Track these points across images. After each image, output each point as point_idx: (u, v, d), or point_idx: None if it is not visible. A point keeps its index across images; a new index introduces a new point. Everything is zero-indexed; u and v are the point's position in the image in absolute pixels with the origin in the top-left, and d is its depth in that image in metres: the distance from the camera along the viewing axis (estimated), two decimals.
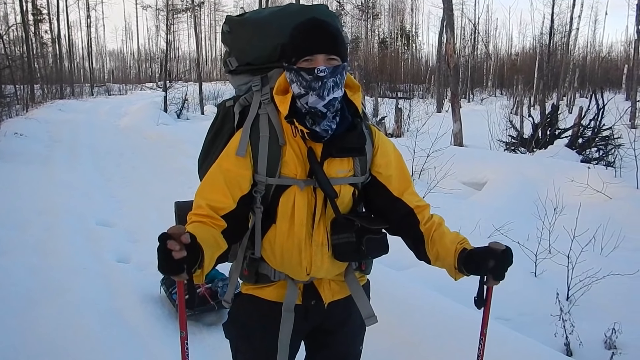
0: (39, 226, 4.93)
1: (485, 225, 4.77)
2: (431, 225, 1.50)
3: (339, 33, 1.44)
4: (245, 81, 1.61)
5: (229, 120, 1.56)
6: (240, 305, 1.61)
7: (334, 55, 1.38)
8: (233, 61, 1.62)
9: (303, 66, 1.37)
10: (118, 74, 53.76)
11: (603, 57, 40.33)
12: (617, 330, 3.03)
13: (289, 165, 1.43)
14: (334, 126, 1.42)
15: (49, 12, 31.37)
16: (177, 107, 18.30)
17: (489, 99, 28.09)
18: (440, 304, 3.00)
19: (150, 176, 7.73)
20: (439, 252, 1.46)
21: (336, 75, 1.38)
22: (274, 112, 1.47)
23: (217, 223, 1.38)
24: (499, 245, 1.37)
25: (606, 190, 5.52)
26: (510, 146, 10.20)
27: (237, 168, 1.43)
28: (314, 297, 1.54)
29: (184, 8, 27.71)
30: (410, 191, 1.55)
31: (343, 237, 1.45)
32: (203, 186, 1.46)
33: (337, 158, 1.44)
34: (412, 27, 46.97)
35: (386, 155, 1.54)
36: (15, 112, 14.87)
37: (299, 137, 1.44)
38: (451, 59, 11.74)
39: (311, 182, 1.43)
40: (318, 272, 1.49)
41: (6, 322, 3.11)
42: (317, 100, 1.37)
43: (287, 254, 1.47)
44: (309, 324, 1.57)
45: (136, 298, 3.46)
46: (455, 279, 1.48)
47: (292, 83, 1.41)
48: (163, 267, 1.14)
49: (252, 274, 1.54)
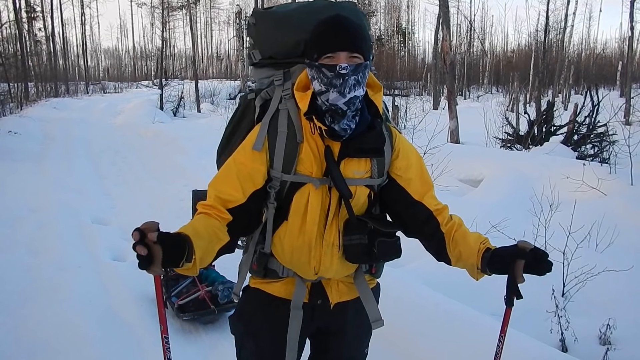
0: (32, 224, 4.90)
1: (482, 222, 4.77)
2: (452, 225, 1.51)
3: (364, 31, 1.43)
4: (267, 75, 1.59)
5: (250, 113, 1.56)
6: (247, 299, 1.60)
7: (357, 53, 1.36)
8: (256, 54, 1.62)
9: (325, 63, 1.36)
10: (113, 71, 53.47)
11: (598, 54, 40.46)
12: (611, 326, 3.05)
13: (305, 162, 1.42)
14: (353, 125, 1.40)
15: (42, 9, 31.26)
16: (173, 105, 18.23)
17: (485, 96, 28.12)
18: (436, 301, 3.01)
19: (145, 174, 7.71)
20: (462, 252, 1.46)
21: (358, 74, 1.36)
22: (294, 108, 1.46)
23: (222, 216, 1.38)
24: (527, 244, 1.39)
25: (601, 187, 5.54)
26: (506, 143, 10.20)
27: (252, 162, 1.42)
28: (321, 297, 1.53)
29: (180, 5, 27.64)
30: (430, 194, 1.54)
31: (355, 239, 1.44)
32: (216, 178, 1.46)
33: (354, 158, 1.43)
34: (409, 25, 46.95)
35: (406, 157, 1.52)
36: (9, 110, 14.82)
37: (317, 135, 1.42)
38: (447, 56, 11.74)
39: (326, 181, 1.42)
40: (326, 272, 1.48)
41: (0, 319, 3.09)
42: (337, 97, 1.35)
43: (297, 251, 1.46)
44: (315, 323, 1.56)
45: (131, 296, 3.45)
46: (477, 279, 1.48)
47: (313, 80, 1.40)
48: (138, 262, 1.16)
49: (260, 269, 1.54)
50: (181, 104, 18.49)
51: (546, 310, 3.18)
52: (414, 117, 11.60)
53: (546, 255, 1.37)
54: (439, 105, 22.14)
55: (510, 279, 1.40)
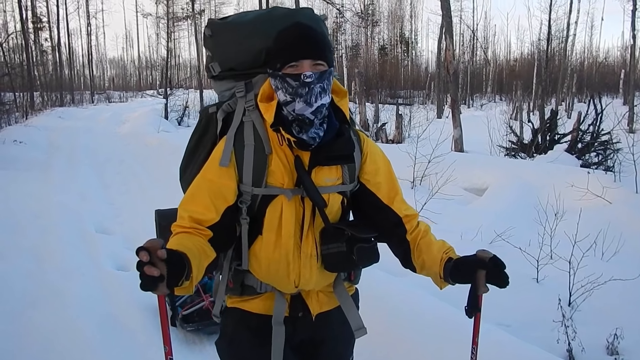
0: (36, 231, 4.91)
1: (487, 231, 4.76)
2: (417, 233, 1.49)
3: (325, 38, 1.41)
4: (228, 87, 1.56)
5: (212, 127, 1.51)
6: (226, 320, 1.56)
7: (320, 60, 1.35)
8: (216, 66, 1.57)
9: (288, 72, 1.33)
10: (118, 81, 53.82)
11: (600, 62, 40.40)
12: (619, 335, 3.02)
13: (276, 174, 1.39)
14: (321, 133, 1.38)
15: (49, 20, 31.49)
16: (178, 114, 18.30)
17: (489, 105, 28.11)
18: (440, 310, 2.99)
19: (150, 183, 7.72)
20: (425, 260, 1.45)
21: (323, 81, 1.34)
22: (259, 120, 1.42)
23: (203, 232, 1.35)
24: (486, 253, 1.36)
25: (606, 195, 5.51)
26: (510, 151, 10.19)
27: (221, 179, 1.39)
28: (301, 309, 1.50)
29: (185, 16, 27.86)
30: (399, 199, 1.52)
31: (333, 247, 1.41)
32: (186, 198, 1.42)
33: (325, 166, 1.40)
34: (412, 34, 47.08)
35: (375, 162, 1.51)
36: (15, 119, 14.91)
37: (285, 146, 1.39)
38: (450, 65, 11.76)
39: (299, 192, 1.39)
40: (307, 284, 1.45)
41: (2, 327, 3.10)
42: (304, 107, 1.33)
43: (274, 266, 1.43)
44: (298, 336, 1.52)
45: (135, 305, 3.43)
46: (441, 288, 1.47)
47: (277, 90, 1.37)
48: (140, 283, 1.10)
49: (237, 286, 1.50)
50: (186, 113, 18.56)
51: (552, 319, 3.15)
52: (418, 126, 11.62)
53: (504, 266, 1.33)
54: (442, 114, 22.14)
55: (472, 290, 1.38)
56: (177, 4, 26.00)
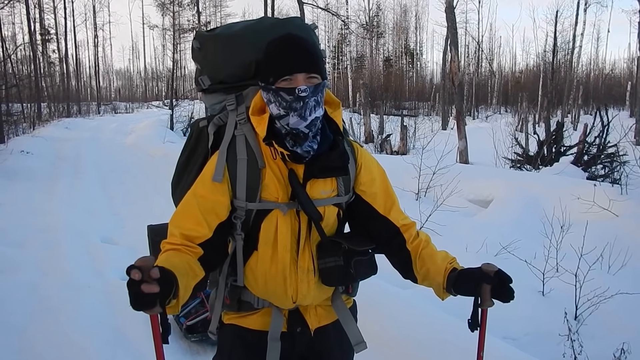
0: (41, 243, 4.92)
1: (492, 244, 4.73)
2: (418, 243, 1.47)
3: (317, 49, 1.38)
4: (219, 100, 1.52)
5: (203, 141, 1.49)
6: (223, 337, 1.53)
7: (314, 73, 1.32)
8: (205, 79, 1.54)
9: (282, 86, 1.30)
10: (125, 92, 54.18)
11: (606, 74, 40.37)
12: (626, 350, 2.97)
13: (270, 188, 1.36)
14: (315, 146, 1.35)
15: (56, 32, 31.86)
16: (184, 125, 18.38)
17: (494, 117, 28.10)
18: (445, 323, 2.96)
19: (155, 194, 7.72)
20: (429, 270, 1.42)
21: (317, 94, 1.32)
22: (251, 133, 1.39)
23: (193, 250, 1.32)
24: (491, 267, 1.34)
25: (612, 208, 5.47)
26: (515, 163, 10.16)
27: (213, 195, 1.35)
28: (300, 324, 1.47)
29: (191, 28, 28.06)
30: (396, 209, 1.50)
31: (330, 261, 1.39)
32: (177, 214, 1.38)
33: (320, 179, 1.38)
34: (417, 46, 47.29)
35: (370, 172, 1.49)
36: (22, 130, 15.03)
37: (279, 159, 1.36)
38: (455, 76, 11.79)
39: (294, 205, 1.36)
40: (304, 299, 1.43)
41: (6, 341, 3.09)
42: (298, 121, 1.30)
43: (271, 281, 1.40)
44: (297, 351, 1.49)
45: (140, 318, 3.39)
46: (442, 299, 1.45)
47: (269, 103, 1.34)
48: (133, 302, 1.06)
49: (234, 302, 1.47)
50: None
51: (559, 333, 3.12)
52: (423, 138, 11.62)
53: (510, 280, 1.32)
54: (447, 126, 22.18)
55: (476, 303, 1.37)
56: (183, 16, 26.25)
